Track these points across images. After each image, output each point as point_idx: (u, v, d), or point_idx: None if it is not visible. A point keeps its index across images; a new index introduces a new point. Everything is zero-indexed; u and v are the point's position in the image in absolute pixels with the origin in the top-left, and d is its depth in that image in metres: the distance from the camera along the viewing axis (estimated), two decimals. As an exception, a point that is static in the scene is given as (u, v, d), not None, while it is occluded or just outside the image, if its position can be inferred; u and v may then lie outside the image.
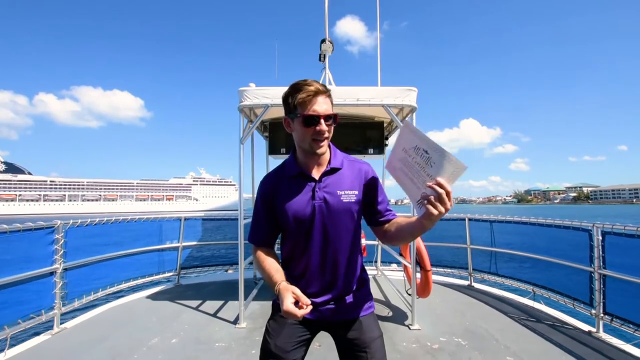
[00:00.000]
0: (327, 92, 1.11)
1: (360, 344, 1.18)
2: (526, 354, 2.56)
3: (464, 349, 2.67)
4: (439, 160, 0.93)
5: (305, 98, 1.07)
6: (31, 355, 2.59)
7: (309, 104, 1.07)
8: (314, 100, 1.07)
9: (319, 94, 1.08)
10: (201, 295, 4.05)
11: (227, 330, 3.03)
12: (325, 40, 4.54)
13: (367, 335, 1.20)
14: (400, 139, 1.09)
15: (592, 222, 3.13)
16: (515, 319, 3.30)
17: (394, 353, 2.60)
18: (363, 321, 1.23)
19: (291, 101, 1.11)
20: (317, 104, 1.07)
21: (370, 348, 1.18)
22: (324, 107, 1.09)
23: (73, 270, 3.34)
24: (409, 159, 1.04)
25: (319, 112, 1.07)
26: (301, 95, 1.08)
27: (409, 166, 1.04)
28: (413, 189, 1.03)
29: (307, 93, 1.07)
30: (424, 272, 3.32)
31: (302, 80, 1.11)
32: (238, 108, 3.28)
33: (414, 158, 1.01)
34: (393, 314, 3.47)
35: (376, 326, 1.26)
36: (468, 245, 4.64)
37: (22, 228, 2.83)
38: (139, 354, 2.58)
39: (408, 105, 3.21)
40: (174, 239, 4.67)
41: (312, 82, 1.09)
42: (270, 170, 1.29)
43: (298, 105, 1.09)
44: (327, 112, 1.09)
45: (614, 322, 2.88)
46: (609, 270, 2.94)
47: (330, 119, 1.11)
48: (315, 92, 1.07)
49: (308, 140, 1.11)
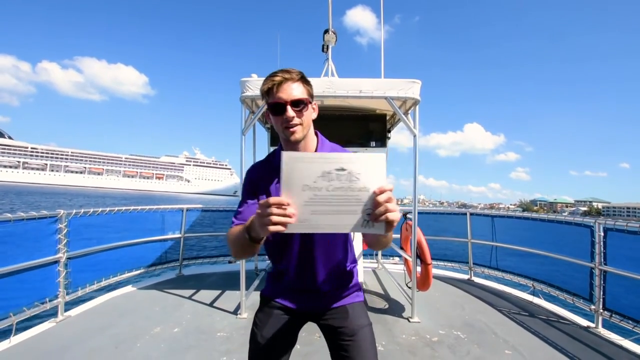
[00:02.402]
0: (297, 78, 1.07)
1: (347, 332, 1.15)
2: (524, 348, 2.58)
3: (462, 342, 2.69)
4: (360, 166, 0.80)
5: (270, 86, 1.05)
6: (36, 341, 2.64)
7: (275, 92, 1.04)
8: (279, 88, 1.04)
9: (285, 81, 1.04)
10: (203, 286, 4.10)
11: (228, 320, 3.07)
12: (328, 31, 4.47)
13: (354, 323, 1.17)
14: (292, 179, 0.82)
15: (594, 219, 3.12)
16: (515, 313, 3.32)
17: (393, 345, 2.63)
18: (349, 309, 1.20)
19: (261, 93, 1.10)
20: (281, 91, 1.04)
21: (357, 336, 1.14)
22: (292, 93, 1.04)
23: (76, 259, 3.38)
24: (320, 194, 0.81)
25: (283, 99, 1.04)
26: (266, 85, 1.06)
27: (327, 200, 0.82)
28: (350, 219, 0.82)
29: (271, 82, 1.04)
30: (424, 265, 3.33)
31: (277, 70, 1.08)
32: (240, 99, 3.26)
33: (332, 183, 0.81)
34: (393, 306, 3.50)
35: (364, 315, 1.21)
36: (469, 240, 4.65)
37: (25, 217, 2.85)
38: (141, 342, 2.63)
39: (411, 97, 3.17)
40: (176, 229, 4.71)
41: (282, 70, 1.07)
42: (259, 160, 1.27)
43: (265, 95, 1.08)
44: (293, 97, 1.04)
45: (613, 318, 2.89)
46: (610, 266, 2.95)
47: (300, 103, 1.06)
48: (281, 80, 1.04)
49: (280, 128, 1.08)
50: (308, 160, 0.82)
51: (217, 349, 2.53)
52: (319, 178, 0.81)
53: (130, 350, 2.50)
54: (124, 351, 2.49)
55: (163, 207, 4.60)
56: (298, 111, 1.06)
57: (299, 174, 0.81)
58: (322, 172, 0.81)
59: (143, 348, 2.54)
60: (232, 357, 2.42)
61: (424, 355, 2.48)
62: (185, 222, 4.73)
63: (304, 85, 1.08)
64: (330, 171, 0.81)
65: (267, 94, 1.07)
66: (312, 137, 1.17)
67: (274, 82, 1.04)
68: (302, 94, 1.06)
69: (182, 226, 4.73)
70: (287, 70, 1.06)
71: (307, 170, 0.81)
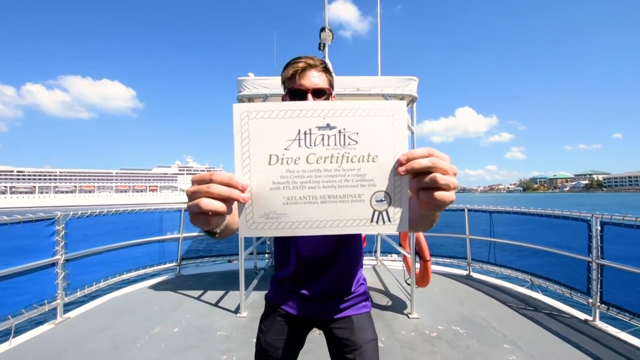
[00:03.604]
0: (320, 67, 1.01)
1: (350, 345, 1.09)
2: (523, 342, 2.60)
3: (461, 337, 2.71)
4: (361, 120, 0.52)
5: (293, 72, 0.99)
6: (35, 343, 2.63)
7: (297, 79, 0.98)
8: (302, 75, 0.98)
9: (309, 68, 0.99)
10: (202, 286, 4.09)
11: (228, 320, 3.07)
12: (324, 29, 4.46)
13: (359, 336, 1.10)
14: (249, 143, 0.53)
15: (590, 213, 3.14)
16: (513, 307, 3.34)
17: (392, 341, 2.64)
18: (355, 320, 1.13)
19: (282, 78, 1.03)
20: (304, 78, 0.98)
21: (360, 350, 1.07)
22: (314, 81, 0.98)
23: (74, 261, 3.37)
24: (298, 168, 0.53)
25: (305, 86, 0.97)
26: (288, 70, 1.00)
27: (308, 180, 0.53)
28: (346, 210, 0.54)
29: (294, 67, 0.98)
30: (423, 262, 3.34)
31: (299, 56, 1.02)
32: (237, 98, 3.25)
33: (315, 150, 0.53)
34: (392, 303, 3.51)
35: (370, 328, 1.14)
36: (467, 236, 4.66)
37: (22, 219, 2.83)
38: (141, 343, 2.62)
39: (408, 94, 3.18)
40: (174, 230, 4.70)
41: (305, 57, 1.01)
42: None
43: (286, 80, 1.01)
44: (316, 85, 0.98)
45: (610, 311, 2.92)
46: (607, 260, 2.97)
47: (323, 93, 1.00)
48: (304, 67, 0.98)
49: None
50: (275, 113, 0.52)
51: (217, 348, 2.53)
52: (292, 143, 0.52)
53: (130, 351, 2.50)
54: (123, 352, 2.48)
55: (161, 208, 4.60)
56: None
57: (260, 137, 0.52)
58: (297, 131, 0.52)
59: (143, 348, 2.54)
60: (232, 356, 2.42)
61: (424, 351, 2.49)
62: (183, 222, 4.73)
63: (326, 75, 1.03)
64: (311, 130, 0.52)
65: (289, 80, 1.00)
66: None
67: (297, 68, 0.98)
68: (324, 83, 1.02)
69: (181, 226, 4.72)
70: (311, 57, 1.01)
71: (274, 129, 0.52)
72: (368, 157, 0.53)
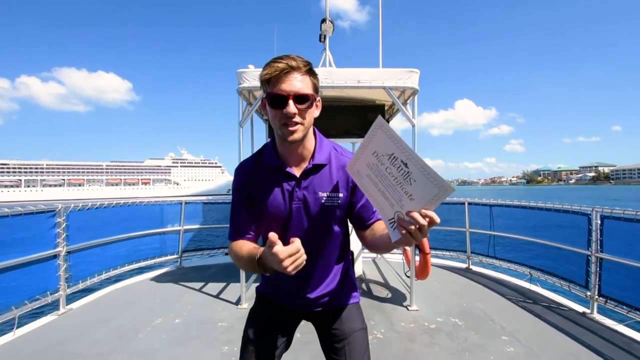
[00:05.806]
0: (304, 69, 0.92)
1: (339, 335, 1.10)
2: (521, 334, 2.62)
3: (460, 329, 2.73)
4: (422, 179, 0.75)
5: (272, 74, 0.89)
6: (39, 334, 2.66)
7: (276, 82, 0.90)
8: (282, 78, 0.89)
9: (291, 71, 0.90)
10: (203, 277, 4.13)
11: (229, 311, 3.10)
12: (325, 20, 4.40)
13: (347, 325, 1.11)
14: (372, 141, 0.85)
15: (591, 207, 3.14)
16: (512, 300, 3.37)
17: (391, 332, 2.67)
18: (343, 311, 1.14)
19: (260, 79, 0.94)
20: (285, 82, 0.89)
21: (349, 340, 1.08)
22: (296, 85, 0.90)
23: (76, 253, 3.39)
24: (380, 168, 0.84)
25: (286, 91, 0.89)
26: (267, 71, 0.91)
27: (381, 176, 0.84)
28: (384, 204, 0.84)
29: (274, 69, 0.89)
30: (422, 255, 3.36)
31: (280, 55, 0.93)
32: (237, 90, 3.23)
33: (388, 168, 0.81)
34: (392, 295, 3.54)
35: (359, 318, 1.15)
36: (467, 229, 4.68)
37: (23, 212, 2.84)
38: (143, 334, 2.65)
39: (410, 87, 3.15)
40: (175, 222, 4.71)
41: (287, 56, 0.91)
42: (247, 157, 1.12)
43: (265, 83, 0.93)
44: (298, 91, 0.90)
45: (608, 304, 2.94)
46: (606, 253, 2.98)
47: (305, 100, 0.92)
48: (285, 69, 0.89)
49: (278, 124, 0.94)
50: (389, 137, 0.81)
51: (219, 339, 2.57)
52: (385, 155, 0.82)
53: (132, 341, 2.53)
54: (126, 342, 2.51)
55: (162, 200, 4.61)
56: (301, 109, 0.92)
57: (378, 141, 0.84)
58: (391, 154, 0.81)
59: (145, 339, 2.57)
60: (234, 347, 2.45)
61: (423, 342, 2.52)
62: (184, 214, 4.74)
63: (310, 78, 0.95)
64: (397, 157, 0.79)
65: (267, 82, 0.92)
66: (310, 137, 1.03)
67: (277, 70, 0.89)
68: (307, 88, 0.93)
69: (182, 219, 4.74)
70: (293, 58, 0.91)
71: (384, 144, 0.82)
72: (409, 194, 0.78)
